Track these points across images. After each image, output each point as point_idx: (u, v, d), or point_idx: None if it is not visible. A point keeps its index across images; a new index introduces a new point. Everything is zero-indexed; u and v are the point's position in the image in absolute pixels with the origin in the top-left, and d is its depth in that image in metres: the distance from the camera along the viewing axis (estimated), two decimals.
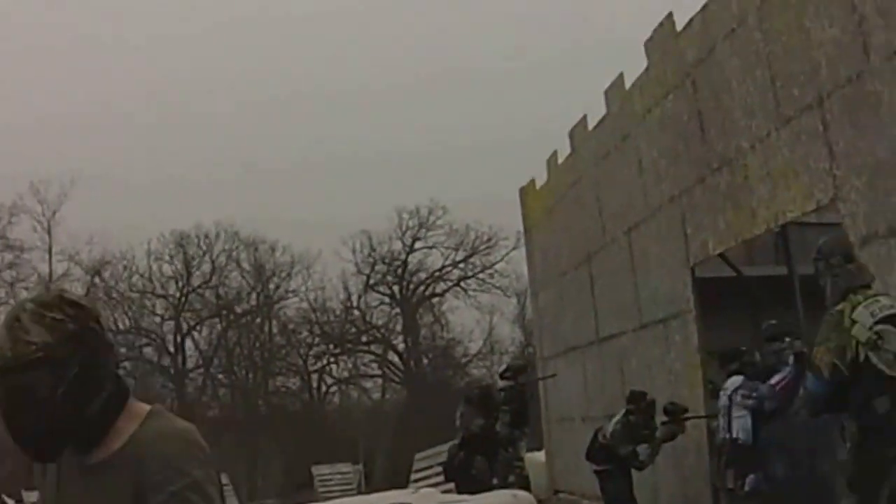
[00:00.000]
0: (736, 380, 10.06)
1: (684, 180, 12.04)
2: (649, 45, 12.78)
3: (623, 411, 11.83)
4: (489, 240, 49.59)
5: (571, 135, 16.37)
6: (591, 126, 15.44)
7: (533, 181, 19.28)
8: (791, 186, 9.60)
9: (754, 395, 9.72)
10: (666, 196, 12.62)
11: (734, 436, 9.87)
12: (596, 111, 15.01)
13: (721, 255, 12.49)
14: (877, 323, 5.17)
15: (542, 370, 18.54)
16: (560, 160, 17.20)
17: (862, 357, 5.16)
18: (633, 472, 11.88)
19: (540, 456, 18.77)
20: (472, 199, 52.20)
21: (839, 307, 5.37)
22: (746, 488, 9.85)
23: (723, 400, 10.20)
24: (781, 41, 9.57)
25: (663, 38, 12.36)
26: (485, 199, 48.11)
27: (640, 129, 13.36)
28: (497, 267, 49.81)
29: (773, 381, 9.48)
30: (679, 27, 11.96)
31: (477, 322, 50.25)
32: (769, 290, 12.49)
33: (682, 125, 11.98)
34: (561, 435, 17.89)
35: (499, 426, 11.70)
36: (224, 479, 34.41)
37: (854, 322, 5.22)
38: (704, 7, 11.19)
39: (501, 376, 12.27)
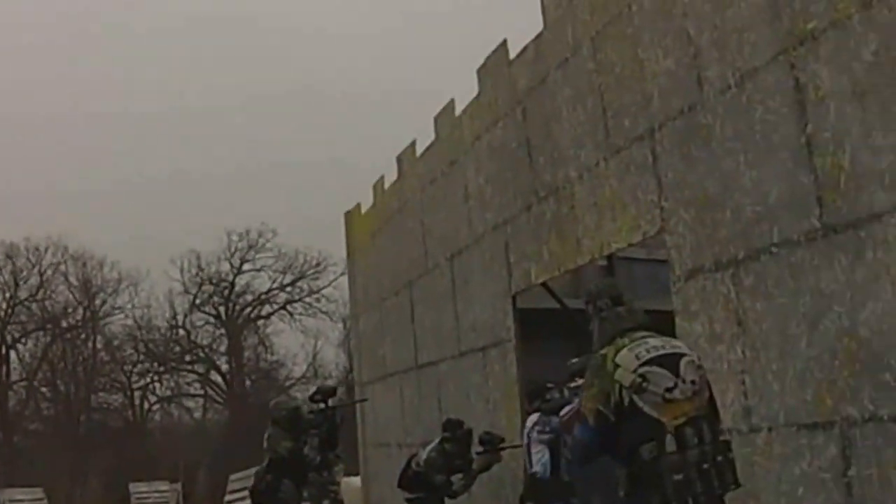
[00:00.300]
0: (533, 417, 9.79)
1: (510, 208, 11.43)
2: (482, 71, 12.15)
3: (439, 439, 11.23)
4: (318, 264, 49.17)
5: (399, 160, 15.64)
6: (419, 151, 14.71)
7: (359, 206, 18.57)
8: (617, 217, 9.10)
9: (548, 429, 9.47)
10: (490, 224, 12.00)
11: (532, 470, 9.63)
12: (427, 137, 14.30)
13: (546, 287, 11.96)
14: (642, 365, 4.74)
15: (360, 395, 17.84)
16: (388, 185, 16.45)
17: (626, 401, 4.71)
18: (447, 500, 11.22)
19: (356, 481, 18.18)
20: (303, 223, 51.82)
21: (603, 351, 4.91)
22: None
23: (524, 438, 9.97)
24: (615, 72, 9.08)
25: (496, 65, 11.74)
26: (315, 223, 47.83)
27: (468, 155, 12.71)
28: (324, 292, 49.41)
29: (562, 412, 9.12)
30: (512, 55, 11.35)
31: (302, 346, 50.22)
32: None
33: (511, 153, 11.37)
34: (378, 461, 17.16)
35: (307, 449, 10.87)
36: (40, 494, 33.00)
37: (617, 366, 4.77)
38: (539, 36, 10.65)
39: (311, 399, 11.43)
